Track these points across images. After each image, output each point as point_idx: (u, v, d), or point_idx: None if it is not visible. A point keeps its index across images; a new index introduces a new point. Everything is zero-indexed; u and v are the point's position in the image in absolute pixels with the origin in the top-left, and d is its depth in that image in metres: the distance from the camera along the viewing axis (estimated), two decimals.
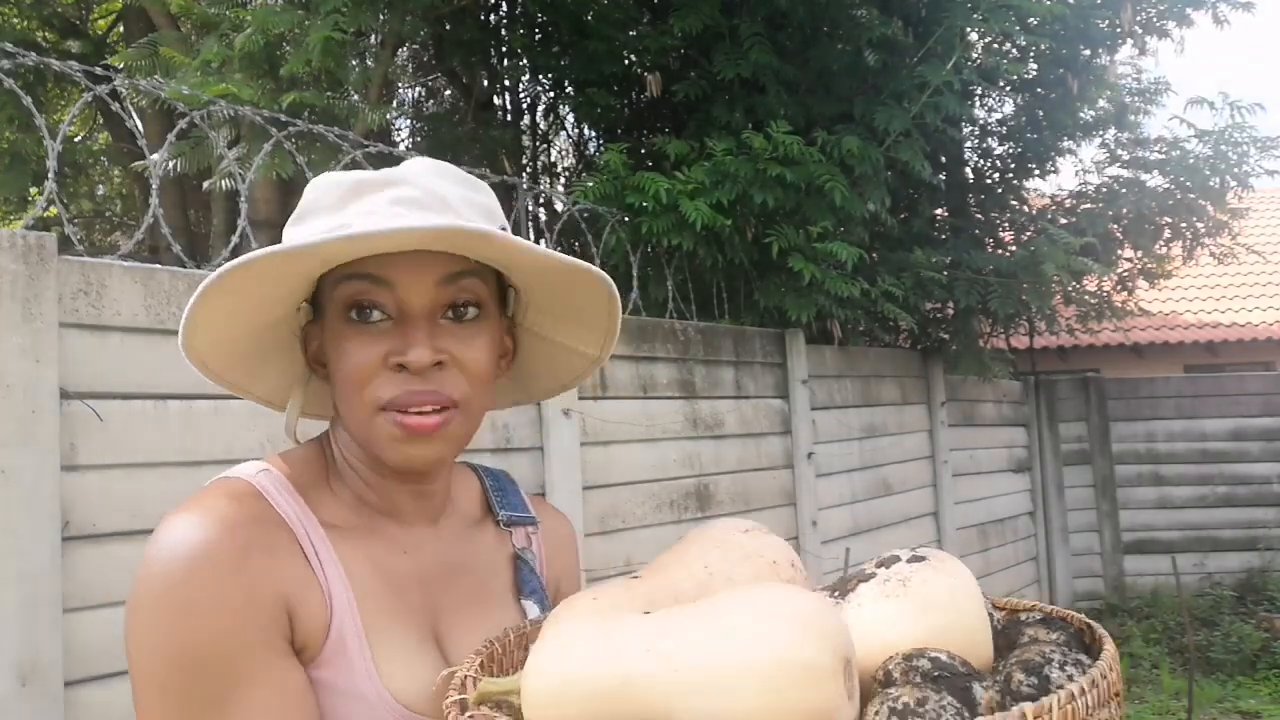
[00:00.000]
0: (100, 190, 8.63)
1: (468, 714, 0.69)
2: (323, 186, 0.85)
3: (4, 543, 1.75)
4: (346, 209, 0.82)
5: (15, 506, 1.77)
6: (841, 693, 0.62)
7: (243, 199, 2.69)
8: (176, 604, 0.73)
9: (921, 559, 0.75)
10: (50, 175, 2.16)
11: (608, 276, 0.87)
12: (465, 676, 0.75)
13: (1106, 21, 5.65)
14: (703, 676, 0.62)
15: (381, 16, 4.42)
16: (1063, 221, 6.03)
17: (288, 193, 4.36)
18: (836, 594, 0.76)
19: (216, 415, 2.12)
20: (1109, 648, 0.68)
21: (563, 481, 3.08)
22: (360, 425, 0.83)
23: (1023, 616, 0.77)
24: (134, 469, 1.98)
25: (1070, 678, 0.64)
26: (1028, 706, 0.57)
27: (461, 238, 0.78)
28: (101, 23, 7.17)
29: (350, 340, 0.81)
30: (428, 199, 0.82)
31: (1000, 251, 5.92)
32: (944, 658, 0.66)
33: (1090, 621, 0.75)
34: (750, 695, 0.60)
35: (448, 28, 5.66)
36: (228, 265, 0.75)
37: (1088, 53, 5.79)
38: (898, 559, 0.76)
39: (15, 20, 6.41)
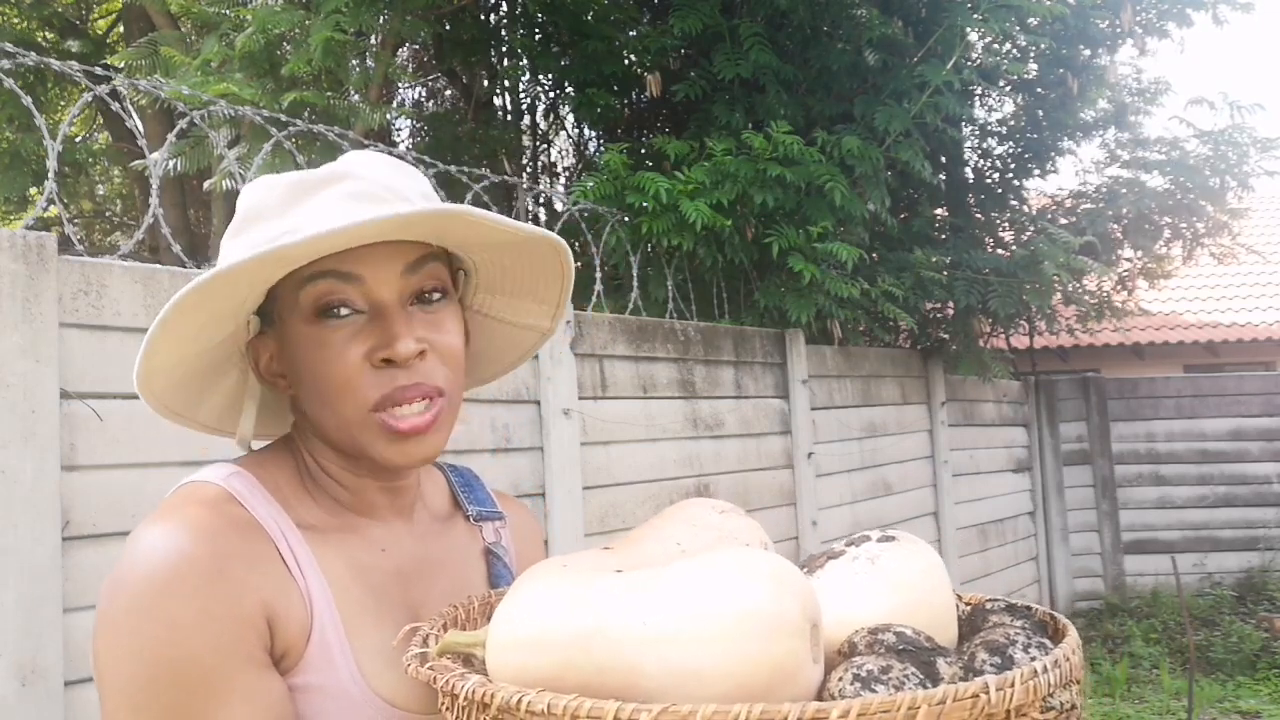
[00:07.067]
0: (100, 190, 8.63)
1: (428, 665, 0.69)
2: (259, 192, 0.82)
3: (4, 543, 1.75)
4: (293, 211, 0.79)
5: (15, 506, 1.77)
6: (807, 652, 0.61)
7: None
8: (155, 618, 0.70)
9: (891, 539, 0.75)
10: (50, 175, 2.15)
11: (566, 246, 0.88)
12: (428, 634, 0.75)
13: (1106, 21, 5.66)
14: (670, 626, 0.62)
15: (382, 17, 4.42)
16: (1063, 221, 6.04)
17: None
18: (805, 570, 0.76)
19: None
20: (1072, 635, 0.68)
21: (563, 481, 3.07)
22: (348, 430, 0.81)
23: (987, 606, 0.77)
24: (134, 469, 1.98)
25: (1033, 659, 0.64)
26: (990, 678, 0.56)
27: (455, 220, 0.77)
28: (101, 23, 7.18)
29: (325, 344, 0.79)
30: (381, 191, 0.80)
31: (1000, 251, 5.91)
32: (909, 633, 0.66)
33: (1054, 613, 0.76)
34: (715, 645, 0.60)
35: (448, 28, 5.66)
36: (205, 275, 0.73)
37: (1088, 53, 5.80)
38: (868, 539, 0.76)
39: (15, 20, 6.41)
